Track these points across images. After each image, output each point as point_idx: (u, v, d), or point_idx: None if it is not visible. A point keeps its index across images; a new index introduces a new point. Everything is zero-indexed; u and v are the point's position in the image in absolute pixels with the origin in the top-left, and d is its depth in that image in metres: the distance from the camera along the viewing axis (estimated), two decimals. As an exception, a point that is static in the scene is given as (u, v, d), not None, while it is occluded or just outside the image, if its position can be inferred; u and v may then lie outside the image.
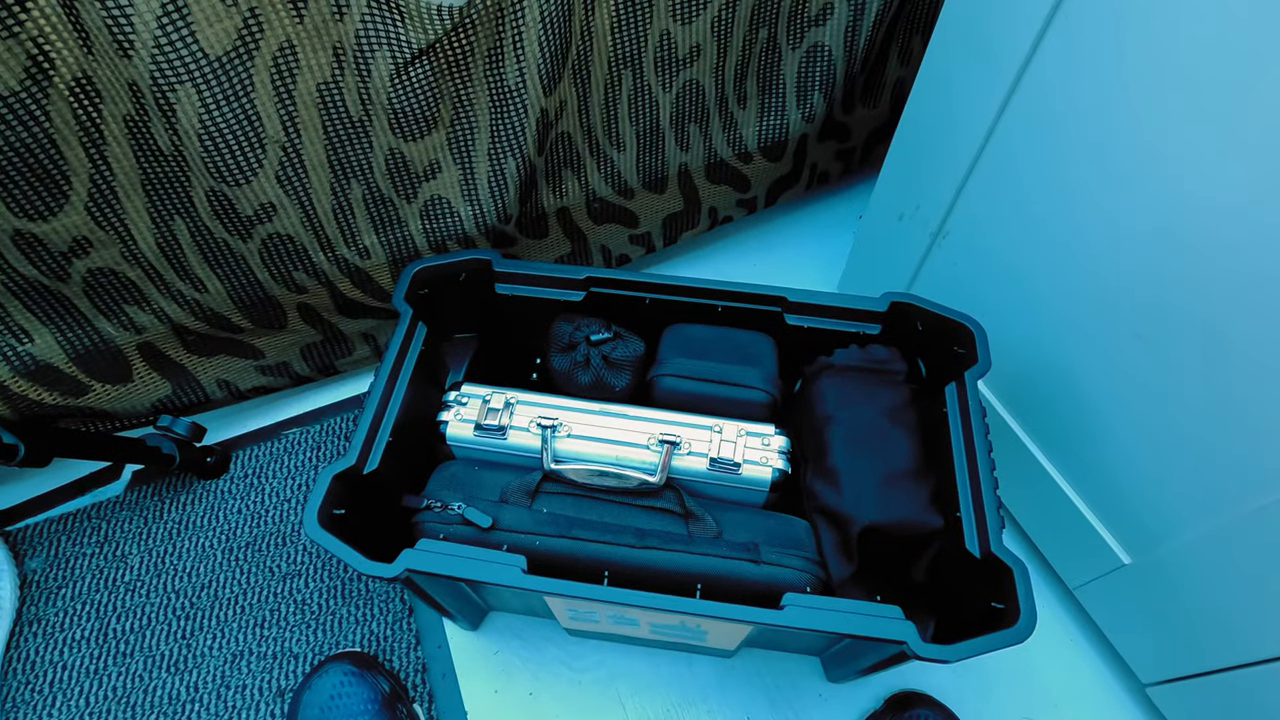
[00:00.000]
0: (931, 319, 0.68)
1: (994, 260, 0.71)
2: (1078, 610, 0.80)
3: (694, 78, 0.84)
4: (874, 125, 1.07)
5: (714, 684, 0.78)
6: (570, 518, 0.63)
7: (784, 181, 1.06)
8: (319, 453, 0.94)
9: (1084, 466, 0.70)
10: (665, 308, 0.74)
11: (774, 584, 0.59)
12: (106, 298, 0.74)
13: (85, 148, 0.62)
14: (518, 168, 0.78)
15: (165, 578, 0.85)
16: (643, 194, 0.94)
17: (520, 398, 0.70)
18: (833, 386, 0.69)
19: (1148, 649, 0.72)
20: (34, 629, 0.81)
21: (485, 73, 0.71)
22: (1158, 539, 0.64)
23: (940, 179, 0.73)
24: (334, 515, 0.58)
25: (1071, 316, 0.64)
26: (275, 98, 0.65)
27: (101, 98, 0.60)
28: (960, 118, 0.68)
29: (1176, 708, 0.71)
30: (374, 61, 0.65)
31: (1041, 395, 0.72)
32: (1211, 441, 0.56)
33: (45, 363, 0.74)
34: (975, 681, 0.77)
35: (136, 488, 0.91)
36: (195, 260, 0.75)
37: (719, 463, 0.65)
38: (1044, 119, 0.60)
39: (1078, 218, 0.60)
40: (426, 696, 0.77)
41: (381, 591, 0.83)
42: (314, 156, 0.71)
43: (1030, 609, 0.52)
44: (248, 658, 0.80)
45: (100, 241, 0.69)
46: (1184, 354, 0.55)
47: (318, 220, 0.76)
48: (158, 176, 0.67)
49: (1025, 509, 0.82)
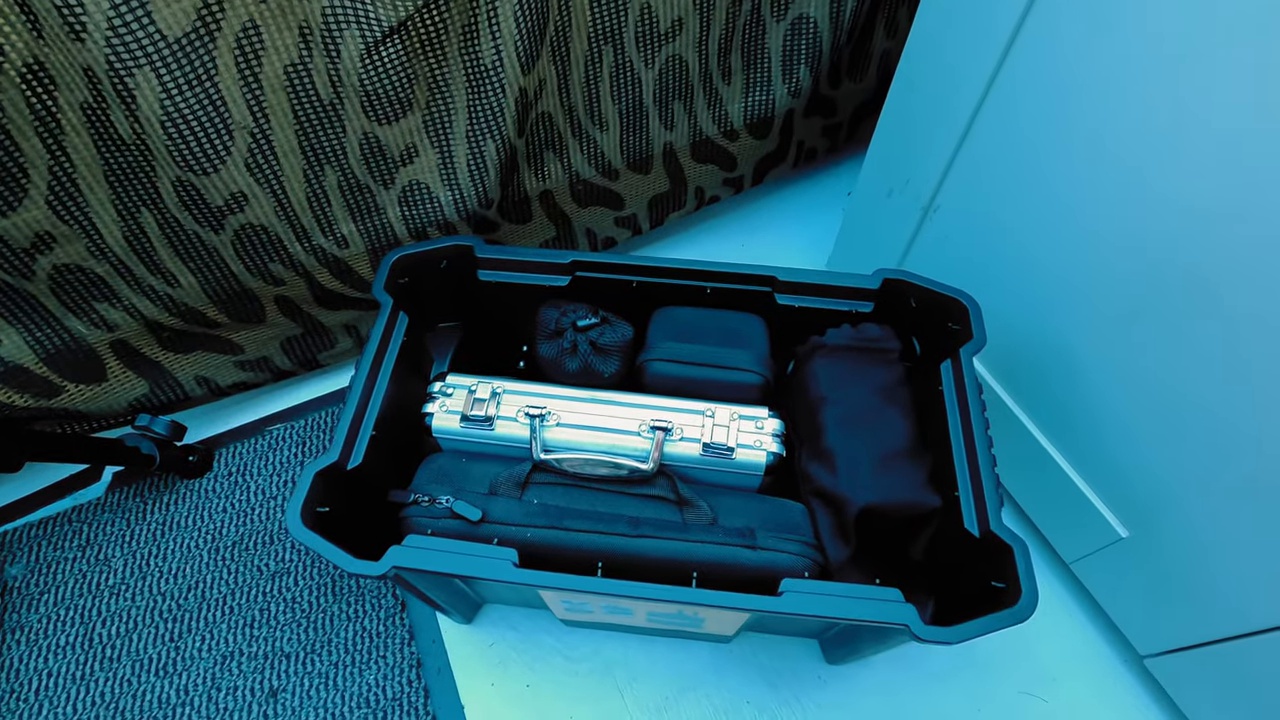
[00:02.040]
0: (925, 295, 0.66)
1: (987, 234, 0.69)
2: (1074, 584, 0.80)
3: (677, 52, 0.82)
4: (860, 100, 1.05)
5: (712, 669, 0.77)
6: (562, 508, 0.62)
7: (771, 159, 1.04)
8: (304, 448, 0.93)
9: (1080, 441, 0.70)
10: (653, 291, 0.73)
11: (771, 569, 0.58)
12: (75, 295, 0.71)
13: (42, 138, 0.59)
14: (498, 150, 0.76)
15: (150, 580, 0.83)
16: (627, 175, 0.92)
17: (507, 387, 0.68)
18: (825, 367, 0.68)
19: (1145, 621, 0.71)
20: (17, 636, 0.79)
21: (460, 51, 0.68)
22: (1155, 511, 0.64)
23: (931, 152, 0.71)
24: (318, 513, 0.57)
25: (1067, 288, 0.63)
26: (240, 81, 0.62)
27: (56, 84, 0.57)
28: (950, 89, 0.66)
29: (1175, 678, 0.71)
30: (343, 41, 0.62)
31: (1036, 370, 0.71)
32: (1209, 411, 0.55)
33: (14, 364, 0.72)
34: (972, 658, 0.77)
35: (117, 489, 0.89)
36: (166, 254, 0.72)
37: (712, 448, 0.64)
38: (1036, 88, 0.58)
39: (1072, 188, 0.59)
40: (422, 692, 0.76)
41: (373, 588, 0.82)
42: (285, 142, 0.68)
43: (1032, 588, 0.51)
44: (238, 658, 0.78)
45: (64, 236, 0.66)
46: (1182, 323, 0.54)
47: (292, 209, 0.73)
48: (121, 167, 0.64)
49: (1020, 484, 0.81)
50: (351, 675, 0.77)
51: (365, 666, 0.78)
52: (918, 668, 0.77)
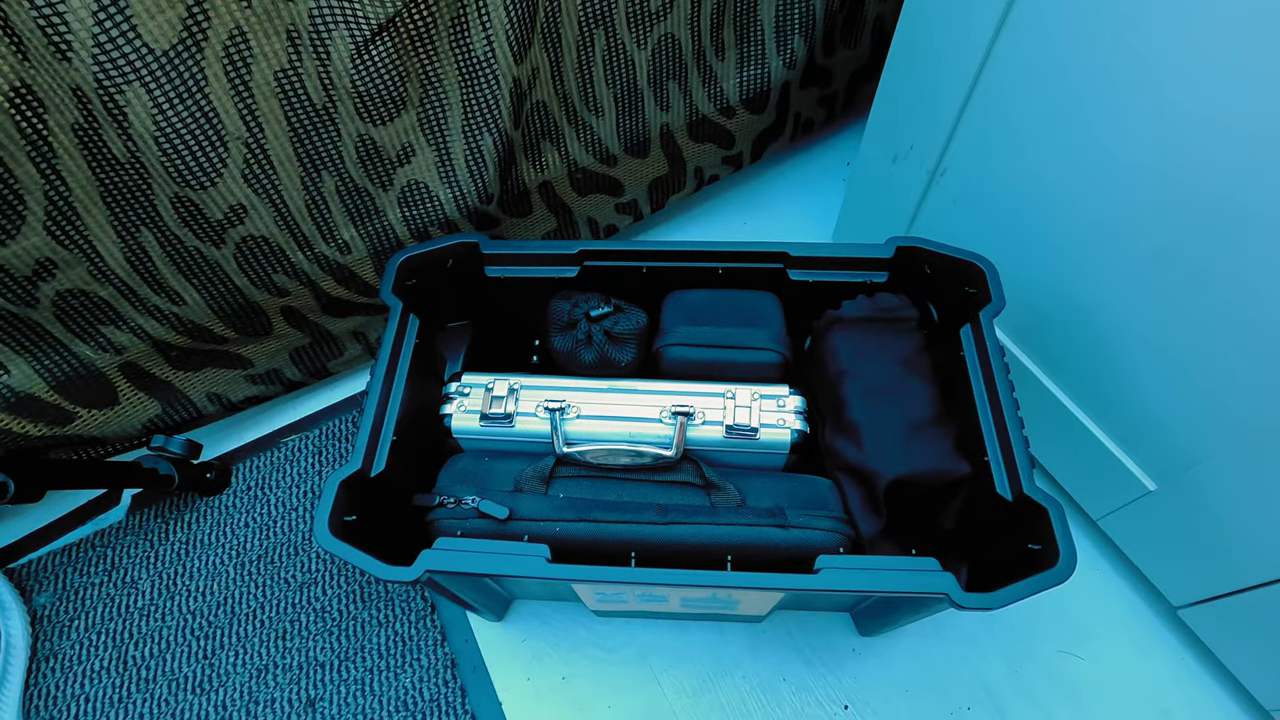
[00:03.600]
0: (941, 260, 0.66)
1: (998, 193, 0.68)
2: (1103, 540, 0.80)
3: (669, 31, 0.80)
4: (855, 67, 1.04)
5: (747, 649, 0.77)
6: (589, 500, 0.61)
7: (768, 134, 1.03)
8: (320, 458, 0.92)
9: (1103, 397, 0.69)
10: (663, 275, 0.72)
11: (804, 547, 0.58)
12: (80, 320, 0.70)
13: (35, 163, 0.58)
14: (495, 143, 0.74)
15: (179, 599, 0.83)
16: (625, 160, 0.91)
17: (524, 382, 0.68)
18: (844, 340, 0.67)
19: (1177, 572, 0.71)
20: (51, 664, 0.79)
21: (451, 44, 0.67)
22: (1183, 463, 0.63)
23: (935, 114, 0.70)
24: (345, 522, 0.57)
25: (1083, 244, 0.62)
26: (231, 90, 0.61)
27: (45, 107, 0.56)
28: (952, 46, 0.65)
29: (1209, 627, 0.71)
30: (332, 42, 0.61)
31: (1055, 329, 0.70)
32: (1233, 359, 0.54)
33: (25, 394, 0.71)
34: (1007, 620, 0.77)
35: (138, 511, 0.88)
36: (168, 272, 0.71)
37: (735, 429, 0.64)
38: (1039, 42, 0.57)
39: (1079, 143, 0.58)
40: (459, 692, 0.76)
41: (401, 592, 0.82)
42: (280, 150, 0.67)
43: (1070, 548, 0.50)
44: (273, 670, 0.78)
45: (65, 261, 0.65)
46: (1204, 272, 0.53)
47: (292, 218, 0.72)
48: (117, 187, 0.63)
49: (1043, 445, 0.81)
50: (387, 680, 0.77)
51: (400, 670, 0.78)
52: (950, 634, 0.77)
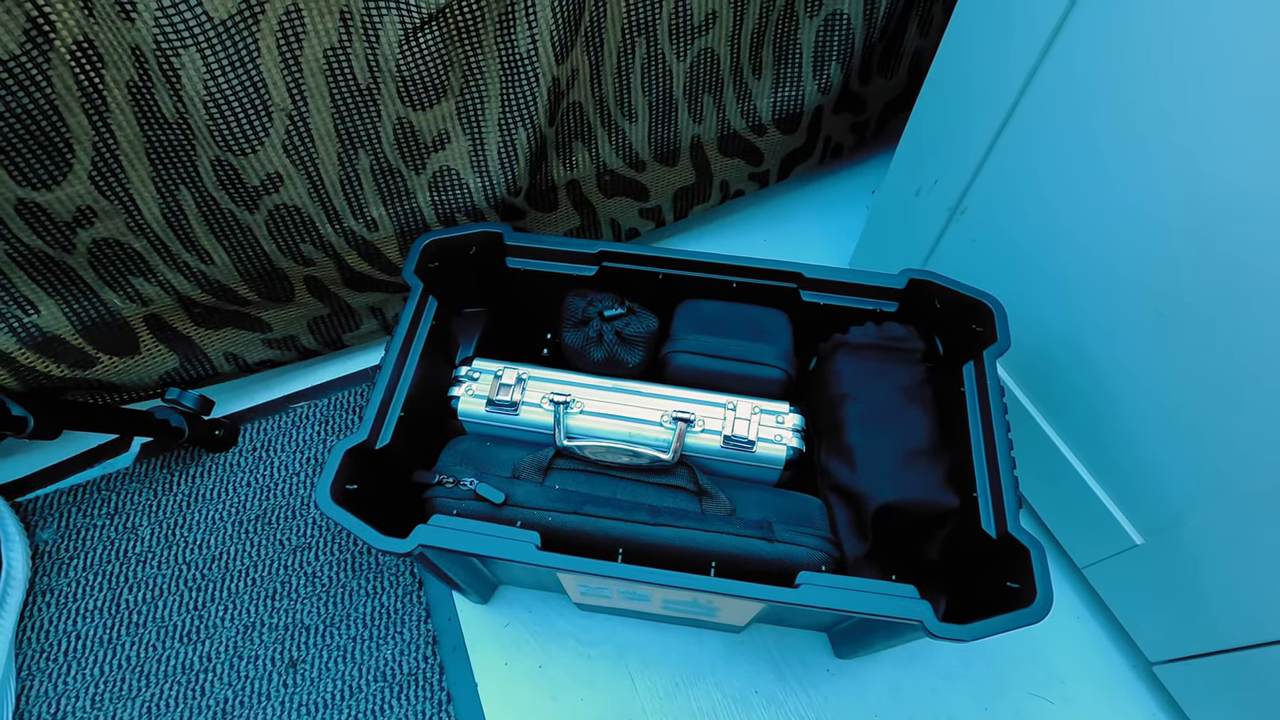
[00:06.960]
0: (951, 297, 0.67)
1: (1013, 238, 0.69)
2: (1086, 589, 0.81)
3: (709, 46, 0.82)
4: (890, 97, 1.05)
5: (722, 658, 0.78)
6: (583, 494, 0.63)
7: (797, 155, 1.04)
8: (327, 426, 0.94)
9: (1099, 447, 0.70)
10: (679, 283, 0.73)
11: (788, 562, 0.59)
12: (112, 269, 0.73)
13: (88, 114, 0.60)
14: (528, 138, 0.76)
15: (176, 549, 0.85)
16: (654, 166, 0.92)
17: (532, 373, 0.69)
18: (848, 364, 0.68)
19: (1156, 628, 0.72)
20: (47, 599, 0.81)
21: (496, 39, 0.69)
22: (1171, 520, 0.64)
23: (961, 154, 0.71)
24: (346, 490, 0.58)
25: (1091, 295, 0.63)
26: (281, 64, 0.63)
27: (104, 62, 0.58)
28: (983, 91, 0.66)
29: (1184, 686, 0.71)
30: (382, 26, 0.63)
31: (1057, 374, 0.71)
32: (1230, 423, 0.55)
33: (52, 334, 0.74)
34: (984, 658, 0.78)
35: (145, 460, 0.91)
36: (201, 231, 0.73)
37: (733, 440, 0.65)
38: (1070, 94, 0.58)
39: (1101, 196, 0.59)
40: (437, 669, 0.78)
41: (391, 565, 0.84)
42: (321, 125, 0.69)
43: (1047, 589, 0.51)
44: (259, 629, 0.80)
45: (105, 211, 0.67)
46: (1206, 333, 0.54)
47: (325, 191, 0.74)
48: (162, 145, 0.65)
49: (1036, 488, 0.81)
50: (369, 649, 0.79)
51: (383, 642, 0.79)
52: (926, 665, 0.78)
